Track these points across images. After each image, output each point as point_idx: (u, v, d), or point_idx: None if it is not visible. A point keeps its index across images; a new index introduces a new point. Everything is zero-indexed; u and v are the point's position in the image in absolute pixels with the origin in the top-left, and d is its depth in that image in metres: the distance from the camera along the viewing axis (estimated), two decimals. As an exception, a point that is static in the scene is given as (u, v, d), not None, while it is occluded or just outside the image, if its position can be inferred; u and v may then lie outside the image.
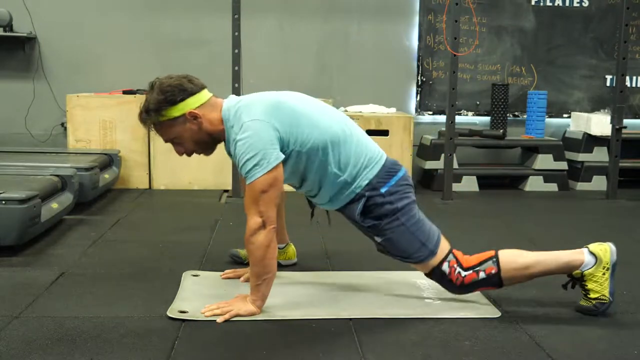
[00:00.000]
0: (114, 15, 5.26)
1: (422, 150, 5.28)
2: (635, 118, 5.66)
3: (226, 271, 2.72)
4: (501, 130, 5.21)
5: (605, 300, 2.31)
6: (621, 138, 4.73)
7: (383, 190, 2.31)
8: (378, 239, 2.36)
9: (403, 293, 2.55)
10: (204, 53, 5.29)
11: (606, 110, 5.41)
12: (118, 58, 5.29)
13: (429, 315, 2.31)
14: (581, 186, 5.22)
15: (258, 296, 2.26)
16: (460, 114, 5.39)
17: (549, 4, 5.52)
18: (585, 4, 5.54)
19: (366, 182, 2.31)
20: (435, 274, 2.35)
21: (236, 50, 4.39)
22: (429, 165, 5.10)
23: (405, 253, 2.34)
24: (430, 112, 5.56)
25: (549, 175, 5.18)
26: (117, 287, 2.57)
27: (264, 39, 5.37)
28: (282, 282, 2.63)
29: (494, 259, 2.31)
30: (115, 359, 1.92)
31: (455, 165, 4.86)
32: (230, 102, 2.33)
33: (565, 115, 5.63)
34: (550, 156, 5.17)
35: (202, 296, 2.45)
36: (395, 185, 2.33)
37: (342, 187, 2.33)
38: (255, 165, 2.16)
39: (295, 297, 2.48)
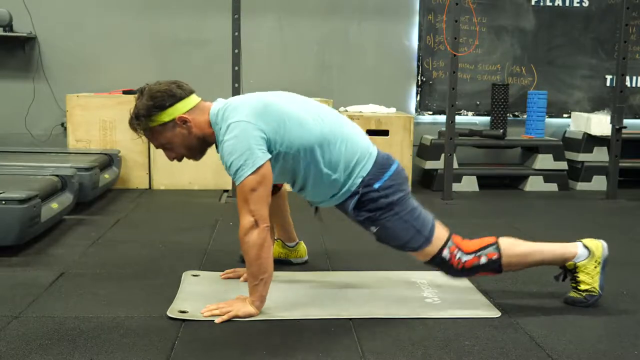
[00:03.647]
0: (114, 15, 5.26)
1: (422, 150, 5.28)
2: (635, 118, 5.66)
3: (226, 271, 2.72)
4: (501, 130, 5.21)
5: (594, 292, 2.38)
6: (621, 138, 4.73)
7: (377, 186, 2.32)
8: (373, 229, 2.37)
9: (403, 293, 2.56)
10: (204, 53, 5.29)
11: (606, 110, 5.41)
12: (118, 58, 5.29)
13: (429, 315, 2.32)
14: (581, 186, 5.22)
15: (256, 297, 2.26)
16: (460, 114, 5.38)
17: (549, 4, 5.52)
18: (585, 4, 5.54)
19: (359, 180, 2.32)
20: (435, 261, 2.37)
21: (236, 50, 4.39)
22: (429, 165, 5.10)
23: (400, 241, 2.36)
24: (430, 112, 5.56)
25: (549, 175, 5.17)
26: (117, 287, 2.57)
27: (264, 39, 5.37)
28: (282, 282, 2.64)
29: (495, 245, 2.35)
30: (115, 359, 1.92)
31: (455, 165, 4.86)
32: (218, 105, 2.34)
33: (565, 115, 5.63)
34: (550, 156, 5.17)
35: (202, 296, 2.45)
36: (389, 180, 2.34)
37: (335, 186, 2.34)
38: (241, 165, 2.17)
39: (295, 297, 2.48)
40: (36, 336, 2.07)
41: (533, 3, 5.51)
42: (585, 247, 2.39)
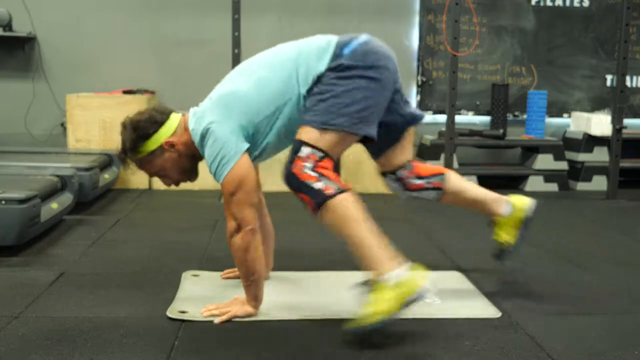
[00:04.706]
0: (114, 15, 5.26)
1: (422, 150, 5.28)
2: (635, 118, 5.66)
3: (226, 271, 2.72)
4: (501, 130, 5.21)
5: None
6: (621, 138, 4.73)
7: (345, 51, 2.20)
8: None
9: (403, 293, 2.55)
10: (204, 53, 5.29)
11: (606, 110, 5.41)
12: (118, 58, 5.29)
13: (429, 315, 2.31)
14: (581, 186, 5.22)
15: (251, 297, 2.26)
16: (460, 114, 5.39)
17: (549, 4, 5.52)
18: (586, 4, 5.54)
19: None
20: (294, 146, 2.19)
21: (236, 50, 4.39)
22: (429, 165, 5.10)
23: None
24: (430, 112, 5.56)
25: (549, 175, 5.18)
26: (117, 286, 2.57)
27: (264, 39, 5.35)
28: (282, 282, 2.64)
29: (340, 189, 2.12)
30: (115, 359, 1.92)
31: (455, 165, 4.86)
32: (192, 117, 2.27)
33: (565, 115, 5.64)
34: (550, 156, 5.17)
35: (202, 296, 2.45)
36: (357, 46, 2.20)
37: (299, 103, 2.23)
38: (217, 167, 2.17)
39: (295, 297, 2.48)
40: (36, 336, 2.06)
41: (533, 3, 5.51)
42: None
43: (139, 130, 2.26)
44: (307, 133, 2.14)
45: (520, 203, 2.58)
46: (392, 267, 2.06)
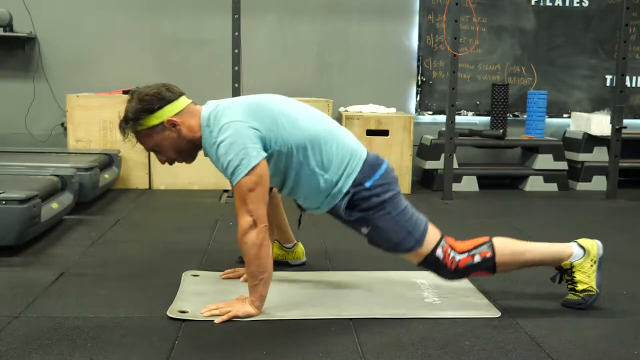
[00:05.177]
0: (114, 15, 5.26)
1: (422, 150, 5.28)
2: (635, 118, 5.66)
3: (226, 271, 2.72)
4: (501, 130, 5.21)
5: (592, 292, 2.36)
6: (621, 138, 4.73)
7: (368, 184, 2.31)
8: (364, 230, 2.36)
9: (403, 293, 2.56)
10: (204, 53, 5.29)
11: (606, 110, 5.41)
12: (118, 58, 5.29)
13: (429, 315, 2.32)
14: (581, 186, 5.22)
15: (256, 297, 2.26)
16: (460, 114, 5.39)
17: (549, 4, 5.52)
18: (585, 4, 5.54)
19: (351, 180, 2.30)
20: (428, 262, 2.35)
21: (236, 50, 4.39)
22: (429, 165, 5.10)
23: (391, 242, 2.34)
24: (430, 112, 5.56)
25: (549, 175, 5.18)
26: (117, 287, 2.57)
27: (264, 39, 5.37)
28: (282, 282, 2.64)
29: (489, 244, 2.34)
30: (115, 359, 1.92)
31: (455, 165, 4.86)
32: (209, 108, 2.32)
33: (565, 115, 5.63)
34: (550, 156, 5.17)
35: (202, 296, 2.45)
36: (380, 178, 2.33)
37: (327, 187, 2.31)
38: (237, 165, 2.17)
39: (295, 297, 2.48)
40: (36, 336, 2.07)
41: (533, 3, 5.51)
42: (581, 246, 2.37)
43: (144, 103, 2.26)
44: (419, 254, 2.36)
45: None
46: (570, 249, 2.37)
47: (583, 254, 2.37)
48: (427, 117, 5.57)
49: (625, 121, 4.75)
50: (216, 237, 3.39)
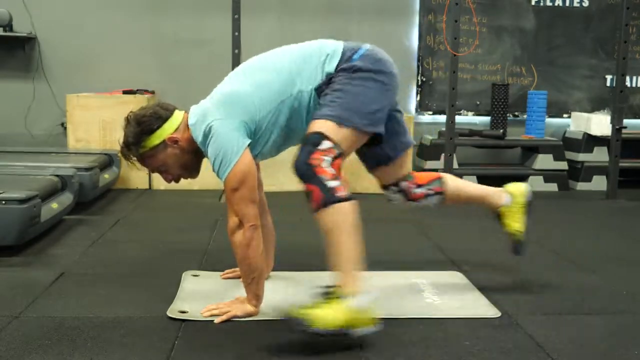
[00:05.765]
0: (114, 15, 5.26)
1: (422, 150, 5.28)
2: (635, 118, 5.66)
3: (226, 271, 2.72)
4: (501, 130, 5.21)
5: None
6: (621, 138, 4.73)
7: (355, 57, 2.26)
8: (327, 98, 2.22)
9: (403, 293, 2.56)
10: (204, 53, 5.29)
11: (606, 110, 5.41)
12: (118, 58, 5.29)
13: (429, 315, 2.32)
14: (581, 186, 5.22)
15: (251, 296, 2.26)
16: (460, 114, 5.38)
17: (549, 4, 5.52)
18: (585, 4, 5.54)
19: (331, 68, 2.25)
20: (310, 138, 2.16)
21: (236, 50, 4.39)
22: (429, 165, 5.10)
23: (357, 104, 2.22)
24: (430, 112, 5.56)
25: (549, 175, 5.18)
26: (117, 287, 2.57)
27: (264, 39, 5.36)
28: (282, 282, 2.64)
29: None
30: (115, 359, 1.92)
31: (455, 165, 4.86)
32: (192, 117, 2.29)
33: (565, 115, 5.63)
34: (550, 156, 5.17)
35: (202, 296, 2.45)
36: (367, 52, 2.30)
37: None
38: (220, 164, 2.16)
39: (295, 297, 2.48)
40: (36, 336, 2.06)
41: (533, 3, 5.51)
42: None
43: (142, 125, 2.26)
44: (326, 126, 2.12)
45: (517, 190, 2.64)
46: (361, 291, 2.03)
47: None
48: (427, 117, 5.57)
49: (625, 121, 4.75)
50: (216, 237, 3.39)
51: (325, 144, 2.09)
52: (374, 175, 2.58)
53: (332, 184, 2.04)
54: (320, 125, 2.14)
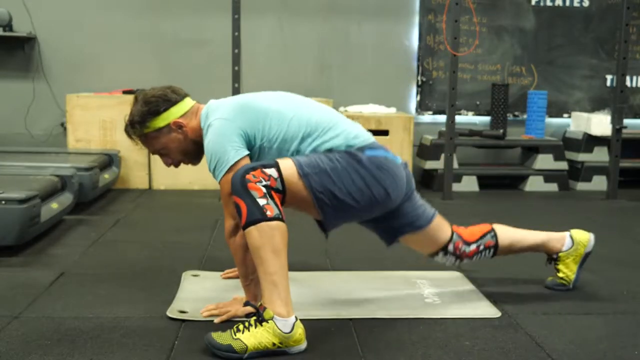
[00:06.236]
0: (114, 15, 5.26)
1: (422, 150, 5.28)
2: (635, 118, 5.66)
3: (226, 271, 2.72)
4: (501, 130, 5.20)
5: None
6: (621, 138, 4.73)
7: (366, 152, 2.19)
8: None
9: (403, 293, 2.56)
10: (204, 53, 5.29)
11: (606, 110, 5.41)
12: (118, 58, 5.29)
13: (429, 315, 2.32)
14: (581, 186, 5.21)
15: (251, 297, 2.26)
16: (460, 114, 5.38)
17: (549, 4, 5.52)
18: (585, 4, 5.54)
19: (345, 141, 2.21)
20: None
21: (236, 50, 4.40)
22: (429, 165, 5.10)
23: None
24: (430, 112, 5.56)
25: (549, 175, 5.18)
26: (117, 287, 2.57)
27: (264, 39, 5.37)
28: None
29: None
30: (115, 359, 1.92)
31: (455, 165, 4.86)
32: (205, 108, 2.30)
33: (565, 115, 5.63)
34: (550, 156, 5.17)
35: (202, 296, 2.45)
36: (378, 157, 2.20)
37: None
38: (216, 165, 2.16)
39: (295, 297, 2.46)
40: (36, 336, 2.06)
41: (533, 3, 5.51)
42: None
43: (150, 106, 2.26)
44: (286, 164, 2.09)
45: (582, 238, 2.57)
46: (287, 314, 1.97)
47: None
48: (427, 117, 5.57)
49: (625, 121, 4.75)
50: (216, 237, 3.39)
51: (271, 172, 2.05)
52: (412, 247, 2.52)
53: (261, 201, 1.99)
54: (283, 160, 2.11)
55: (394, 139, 4.85)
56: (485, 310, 2.37)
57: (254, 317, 1.97)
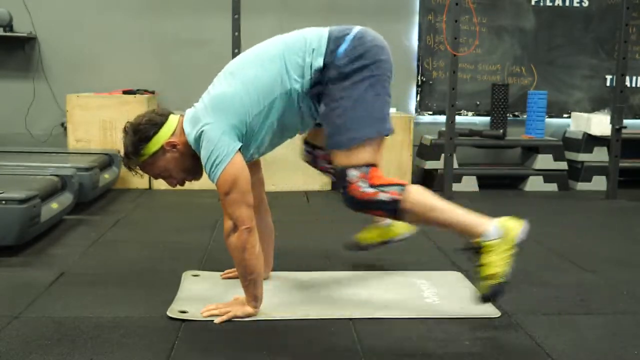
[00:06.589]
0: (114, 15, 5.26)
1: (422, 150, 5.28)
2: (635, 118, 5.66)
3: (226, 271, 2.72)
4: (501, 130, 5.21)
5: (497, 280, 2.16)
6: (621, 138, 4.73)
7: (338, 56, 2.22)
8: (322, 107, 2.26)
9: (403, 293, 2.56)
10: (204, 53, 5.28)
11: (606, 110, 5.41)
12: (118, 58, 5.29)
13: (429, 315, 2.32)
14: (581, 186, 5.22)
15: (250, 297, 2.26)
16: (460, 114, 5.38)
17: (549, 4, 5.52)
18: (585, 4, 5.54)
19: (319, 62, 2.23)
20: (340, 174, 2.24)
21: (236, 50, 4.39)
22: (429, 165, 5.10)
23: (337, 122, 2.22)
24: (430, 112, 5.56)
25: (549, 175, 5.17)
26: (117, 287, 2.57)
27: (264, 39, 5.34)
28: (282, 282, 2.64)
29: (402, 187, 2.20)
30: (115, 359, 1.92)
31: (455, 165, 4.86)
32: (185, 122, 2.29)
33: (565, 115, 5.63)
34: (550, 156, 5.17)
35: (202, 296, 2.45)
36: (349, 50, 2.22)
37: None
38: (211, 167, 2.18)
39: (295, 297, 2.48)
40: (36, 336, 2.07)
41: (533, 3, 5.51)
42: (499, 227, 2.21)
43: (139, 133, 2.27)
44: (341, 157, 2.22)
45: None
46: (487, 225, 2.19)
47: (498, 236, 2.19)
48: (427, 117, 5.57)
49: (625, 121, 4.75)
50: (216, 237, 3.39)
51: (351, 174, 2.20)
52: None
53: (381, 197, 2.18)
54: (336, 157, 2.24)
55: (394, 139, 4.82)
56: (485, 310, 2.37)
57: (476, 253, 2.18)
